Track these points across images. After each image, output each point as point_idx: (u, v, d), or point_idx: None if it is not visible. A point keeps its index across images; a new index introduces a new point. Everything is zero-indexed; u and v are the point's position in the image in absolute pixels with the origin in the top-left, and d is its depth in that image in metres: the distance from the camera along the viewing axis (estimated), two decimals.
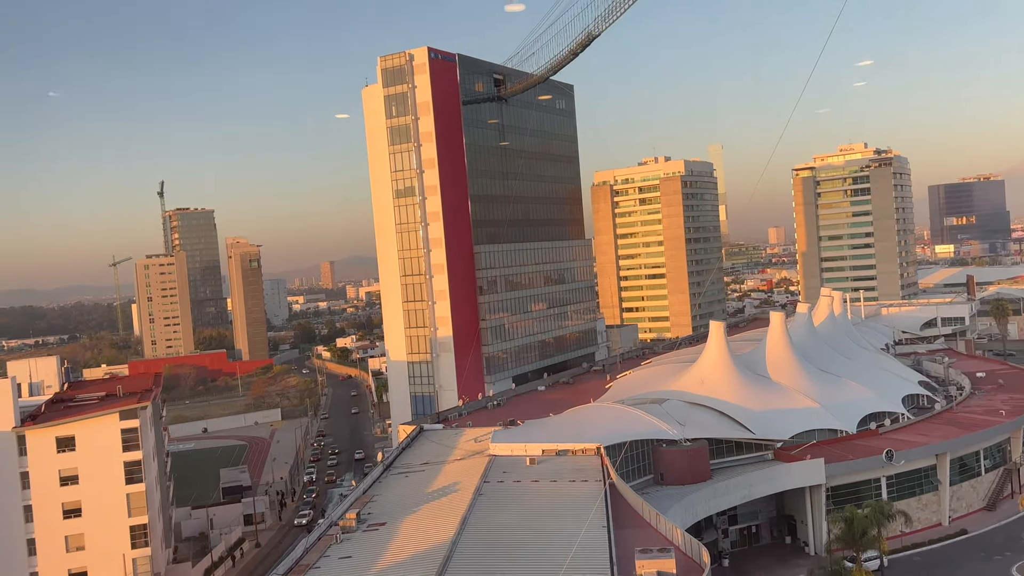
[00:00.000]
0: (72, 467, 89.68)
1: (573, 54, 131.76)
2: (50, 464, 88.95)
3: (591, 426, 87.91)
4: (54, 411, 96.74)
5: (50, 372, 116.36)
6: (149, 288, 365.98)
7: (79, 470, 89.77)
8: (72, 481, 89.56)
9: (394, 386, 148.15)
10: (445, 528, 62.30)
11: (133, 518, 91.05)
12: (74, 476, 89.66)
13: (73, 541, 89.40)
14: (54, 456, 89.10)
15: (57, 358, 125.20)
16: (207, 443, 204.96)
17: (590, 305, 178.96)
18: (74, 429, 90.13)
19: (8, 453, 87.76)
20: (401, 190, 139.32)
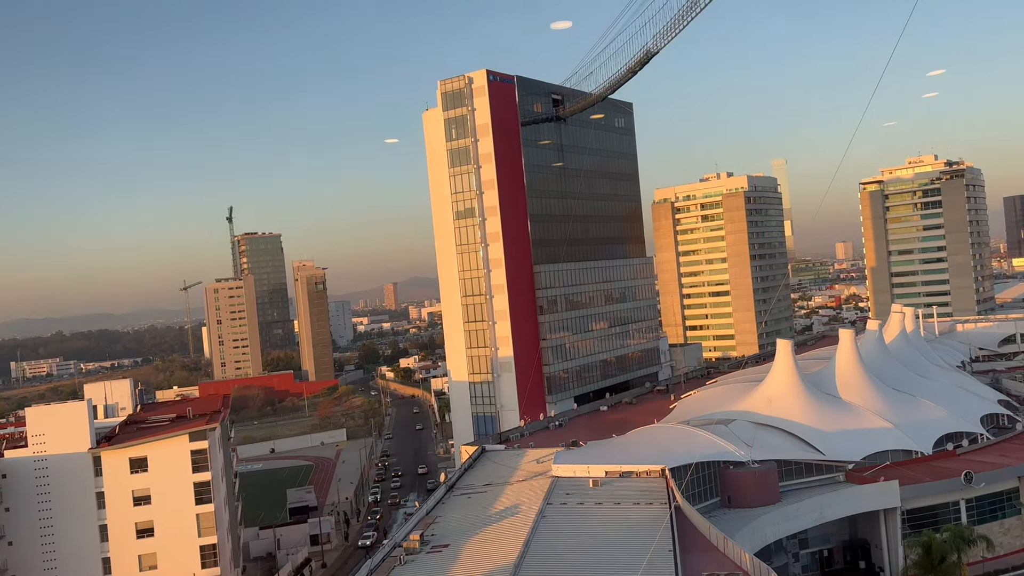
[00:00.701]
0: (145, 487, 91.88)
1: (632, 72, 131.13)
2: (124, 484, 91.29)
3: (655, 447, 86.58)
4: (128, 433, 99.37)
5: (124, 394, 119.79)
6: (219, 311, 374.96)
7: (151, 490, 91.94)
8: (145, 501, 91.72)
9: (456, 406, 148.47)
10: (508, 551, 61.78)
11: (203, 538, 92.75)
12: (147, 496, 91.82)
13: (146, 560, 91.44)
14: (127, 477, 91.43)
15: (131, 380, 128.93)
16: (274, 463, 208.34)
17: (652, 324, 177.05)
18: (146, 450, 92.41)
19: (84, 473, 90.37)
20: (461, 211, 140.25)
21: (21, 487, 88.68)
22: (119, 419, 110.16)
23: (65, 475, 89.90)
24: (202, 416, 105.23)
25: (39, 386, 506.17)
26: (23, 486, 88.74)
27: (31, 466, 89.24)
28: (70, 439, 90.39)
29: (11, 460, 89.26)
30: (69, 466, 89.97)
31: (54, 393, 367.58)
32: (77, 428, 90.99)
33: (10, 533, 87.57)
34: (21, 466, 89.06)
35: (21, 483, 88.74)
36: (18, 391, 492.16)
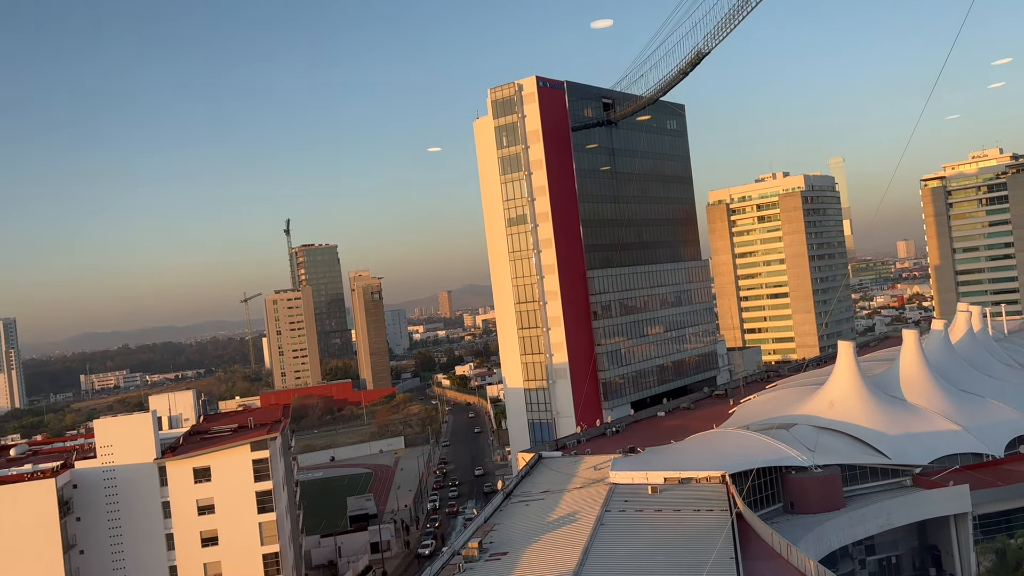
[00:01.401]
0: (208, 497, 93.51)
1: (683, 73, 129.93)
2: (188, 494, 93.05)
3: (715, 453, 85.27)
4: (191, 443, 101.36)
5: (187, 405, 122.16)
6: (278, 322, 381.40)
7: (215, 500, 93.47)
8: (209, 510, 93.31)
9: (512, 413, 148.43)
10: (567, 558, 61.37)
11: (265, 546, 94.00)
12: (210, 505, 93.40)
13: (211, 568, 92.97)
14: (192, 486, 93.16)
15: (194, 391, 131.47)
16: (335, 471, 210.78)
17: (709, 327, 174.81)
18: (209, 460, 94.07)
19: (150, 483, 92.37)
20: (513, 218, 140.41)
21: (91, 497, 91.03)
22: (183, 430, 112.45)
23: (132, 485, 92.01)
24: (263, 426, 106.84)
25: (107, 398, 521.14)
26: (93, 496, 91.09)
27: (100, 476, 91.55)
28: (137, 450, 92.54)
29: (81, 471, 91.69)
30: (136, 476, 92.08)
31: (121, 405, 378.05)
32: (143, 439, 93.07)
33: (82, 542, 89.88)
34: (91, 477, 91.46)
35: (91, 493, 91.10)
36: (87, 403, 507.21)
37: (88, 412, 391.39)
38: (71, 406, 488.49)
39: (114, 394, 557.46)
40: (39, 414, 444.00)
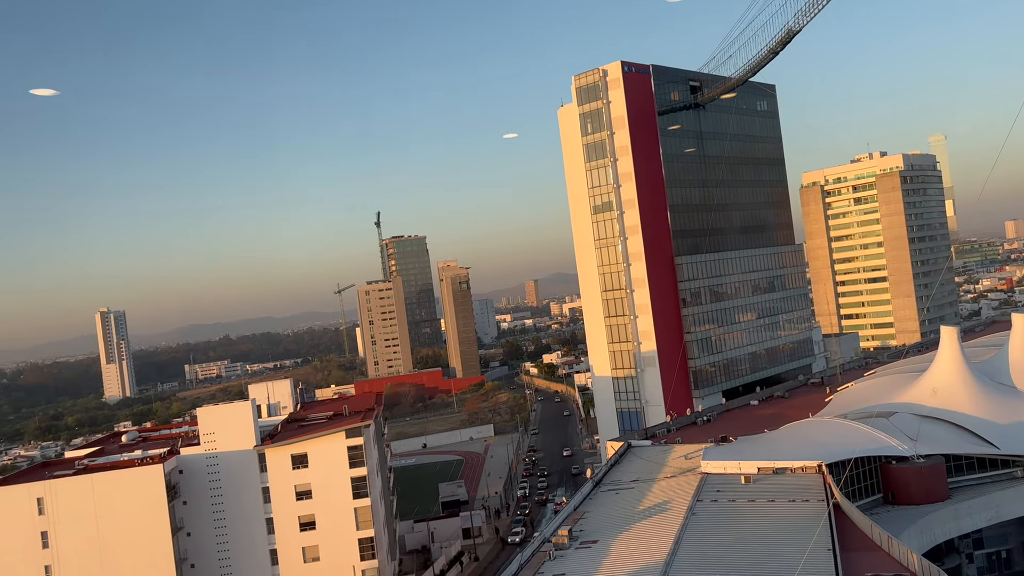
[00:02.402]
0: (306, 483, 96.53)
1: (773, 53, 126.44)
2: (287, 480, 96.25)
3: (811, 442, 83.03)
4: (289, 430, 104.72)
5: (285, 393, 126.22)
6: (370, 312, 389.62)
7: (312, 485, 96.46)
8: (306, 496, 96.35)
9: (600, 402, 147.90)
10: (658, 548, 60.89)
11: (360, 531, 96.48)
12: (308, 491, 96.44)
13: (309, 552, 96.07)
14: (290, 472, 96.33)
15: (291, 380, 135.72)
16: (426, 458, 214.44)
17: (804, 313, 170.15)
18: (306, 447, 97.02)
19: (251, 469, 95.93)
20: (599, 205, 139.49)
21: (196, 482, 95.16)
22: (281, 417, 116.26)
23: (234, 471, 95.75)
24: (357, 413, 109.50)
25: (210, 387, 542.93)
26: (198, 481, 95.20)
27: (204, 463, 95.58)
28: (237, 437, 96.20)
29: (187, 457, 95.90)
30: (237, 462, 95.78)
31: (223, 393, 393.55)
32: (243, 427, 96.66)
33: (188, 525, 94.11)
34: (196, 463, 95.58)
35: (196, 479, 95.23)
36: (192, 392, 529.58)
37: (192, 400, 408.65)
38: (177, 395, 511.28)
39: (216, 383, 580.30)
40: (148, 402, 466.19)
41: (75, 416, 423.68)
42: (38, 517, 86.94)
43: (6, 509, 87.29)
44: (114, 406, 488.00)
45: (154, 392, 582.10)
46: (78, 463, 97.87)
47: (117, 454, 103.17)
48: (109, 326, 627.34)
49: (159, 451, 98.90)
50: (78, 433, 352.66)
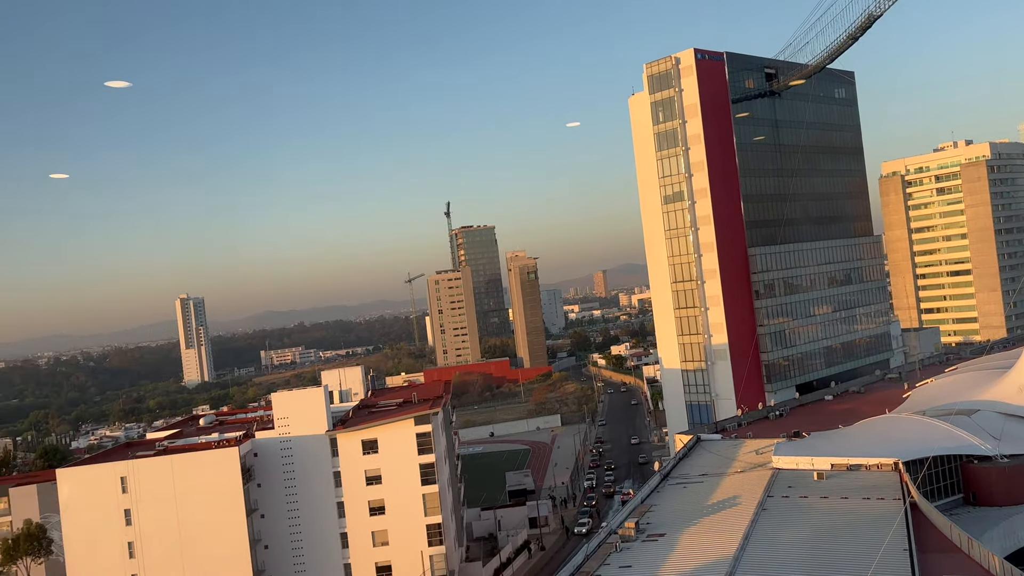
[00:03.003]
0: (376, 468, 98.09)
1: (852, 39, 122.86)
2: (357, 465, 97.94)
3: (887, 439, 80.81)
4: (360, 416, 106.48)
5: (357, 380, 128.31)
6: (440, 301, 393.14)
7: (381, 471, 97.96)
8: (376, 481, 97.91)
9: (669, 394, 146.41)
10: (726, 543, 60.10)
11: (428, 517, 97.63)
12: (377, 476, 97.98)
13: (379, 536, 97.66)
14: (360, 457, 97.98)
15: (362, 367, 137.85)
16: (494, 447, 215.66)
17: (882, 307, 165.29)
18: (376, 433, 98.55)
19: (323, 454, 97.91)
20: (670, 195, 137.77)
21: (270, 465, 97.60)
22: (352, 403, 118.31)
23: (306, 455, 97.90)
24: (426, 401, 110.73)
25: (284, 373, 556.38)
26: (272, 464, 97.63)
27: (278, 446, 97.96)
28: (310, 422, 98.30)
29: (261, 441, 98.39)
30: (309, 447, 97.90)
31: (297, 379, 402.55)
32: (316, 412, 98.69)
33: (262, 507, 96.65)
34: (270, 446, 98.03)
35: (270, 462, 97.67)
36: (267, 377, 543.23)
37: (268, 386, 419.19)
38: (253, 380, 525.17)
39: (291, 369, 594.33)
40: (225, 387, 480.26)
41: (156, 399, 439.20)
42: (122, 495, 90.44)
43: (93, 487, 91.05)
44: (193, 390, 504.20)
45: (231, 377, 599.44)
46: (158, 444, 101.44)
47: (195, 436, 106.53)
48: (189, 312, 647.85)
49: (235, 434, 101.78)
50: (159, 415, 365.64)
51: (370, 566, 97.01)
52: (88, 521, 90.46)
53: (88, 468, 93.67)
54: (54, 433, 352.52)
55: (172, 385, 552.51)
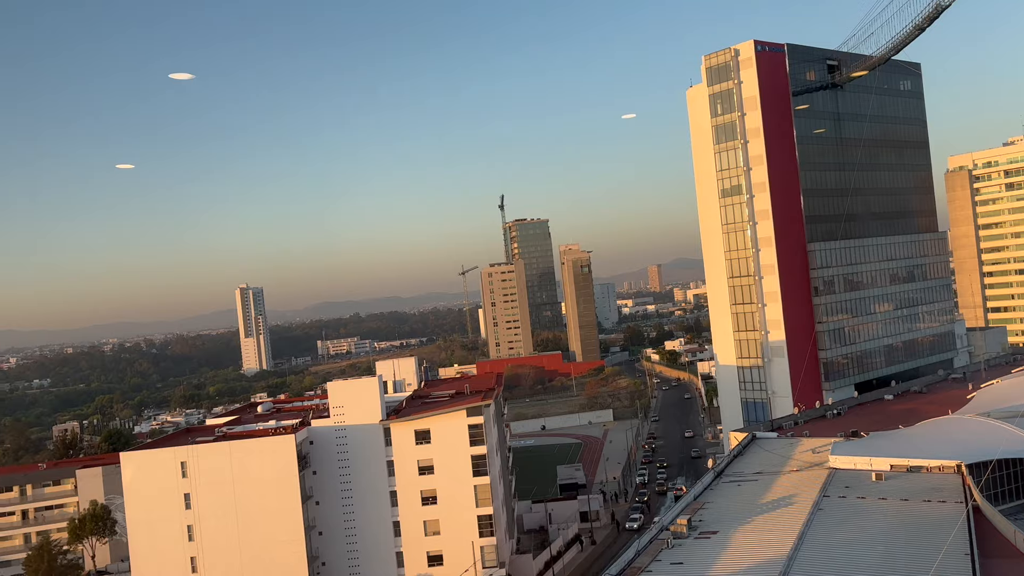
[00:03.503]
0: (428, 458, 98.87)
1: (919, 29, 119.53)
2: (410, 454, 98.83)
3: (949, 441, 78.69)
4: (413, 407, 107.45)
5: (410, 371, 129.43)
6: (493, 294, 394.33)
7: (434, 461, 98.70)
8: (428, 471, 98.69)
9: (724, 391, 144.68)
10: (780, 543, 59.23)
11: (479, 508, 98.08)
12: (430, 467, 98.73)
13: (430, 526, 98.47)
14: (413, 447, 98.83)
15: (416, 358, 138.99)
16: (545, 440, 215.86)
17: (946, 305, 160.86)
18: (429, 423, 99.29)
19: (376, 443, 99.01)
20: (727, 189, 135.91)
21: (325, 453, 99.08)
22: (406, 394, 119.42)
23: (360, 444, 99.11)
24: (478, 393, 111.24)
25: (340, 362, 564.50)
26: (327, 452, 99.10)
27: (333, 435, 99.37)
28: (365, 411, 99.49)
29: (317, 429, 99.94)
30: (364, 436, 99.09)
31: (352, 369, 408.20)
32: (370, 401, 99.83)
33: (317, 494, 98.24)
34: (325, 434, 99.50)
35: (325, 450, 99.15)
36: (323, 366, 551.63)
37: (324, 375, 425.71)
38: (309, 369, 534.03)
39: (346, 359, 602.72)
40: (282, 375, 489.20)
41: (216, 386, 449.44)
42: (182, 479, 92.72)
43: (155, 470, 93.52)
44: (251, 378, 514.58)
45: (288, 366, 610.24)
46: (217, 430, 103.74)
47: (253, 423, 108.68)
48: (248, 302, 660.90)
49: (292, 422, 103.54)
50: (218, 402, 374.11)
51: (422, 555, 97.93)
52: (150, 503, 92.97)
53: (150, 452, 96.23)
54: (118, 417, 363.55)
55: (231, 373, 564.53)
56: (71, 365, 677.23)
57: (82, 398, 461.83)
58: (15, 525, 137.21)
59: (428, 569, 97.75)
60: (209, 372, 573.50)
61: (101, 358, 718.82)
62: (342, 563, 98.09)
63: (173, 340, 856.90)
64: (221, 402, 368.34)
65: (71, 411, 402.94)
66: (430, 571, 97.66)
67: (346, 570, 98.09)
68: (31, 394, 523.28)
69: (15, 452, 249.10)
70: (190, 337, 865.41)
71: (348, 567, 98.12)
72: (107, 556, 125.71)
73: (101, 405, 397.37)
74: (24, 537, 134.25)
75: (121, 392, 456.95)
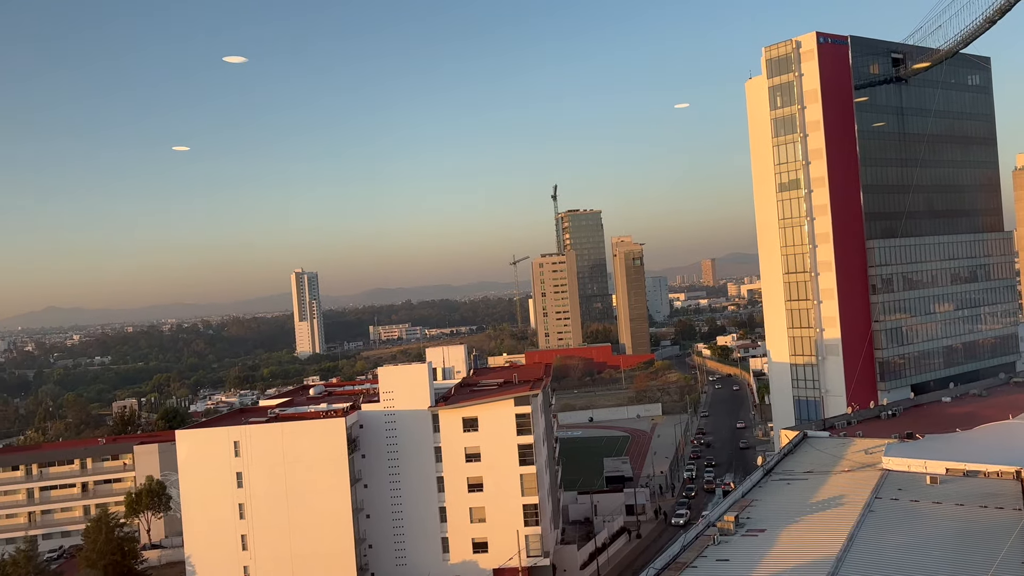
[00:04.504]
0: (475, 446, 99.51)
1: (990, 22, 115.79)
2: (457, 441, 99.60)
3: (1009, 446, 76.54)
4: (461, 394, 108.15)
5: (460, 359, 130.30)
6: (543, 284, 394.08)
7: (481, 449, 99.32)
8: (475, 459, 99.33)
9: (776, 388, 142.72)
10: (830, 543, 58.28)
11: (525, 497, 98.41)
12: (477, 454, 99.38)
13: (476, 513, 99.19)
14: (461, 434, 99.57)
15: (465, 346, 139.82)
16: (592, 432, 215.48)
17: (1010, 307, 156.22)
18: (477, 411, 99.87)
19: (425, 429, 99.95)
20: (785, 183, 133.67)
21: (374, 437, 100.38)
22: (455, 381, 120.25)
23: (409, 429, 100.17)
24: (526, 382, 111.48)
25: (391, 348, 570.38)
26: (375, 436, 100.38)
27: (382, 419, 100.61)
28: (414, 397, 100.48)
29: (367, 413, 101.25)
30: (412, 422, 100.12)
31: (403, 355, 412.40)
32: (420, 387, 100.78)
33: (365, 477, 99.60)
34: (375, 419, 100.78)
35: (374, 434, 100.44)
36: (374, 352, 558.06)
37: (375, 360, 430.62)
38: (361, 354, 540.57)
39: (397, 345, 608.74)
40: (334, 360, 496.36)
41: (270, 368, 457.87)
42: (234, 459, 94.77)
43: (209, 449, 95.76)
44: (304, 361, 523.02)
45: (340, 350, 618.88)
46: (270, 412, 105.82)
47: (305, 405, 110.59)
48: (303, 286, 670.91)
49: (342, 405, 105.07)
50: (271, 384, 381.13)
51: (467, 542, 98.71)
52: (203, 481, 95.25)
53: (205, 431, 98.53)
54: (175, 396, 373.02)
55: (285, 355, 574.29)
56: (131, 344, 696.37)
57: (140, 376, 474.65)
58: (75, 497, 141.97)
59: (473, 555, 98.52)
60: (263, 354, 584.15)
61: (160, 337, 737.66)
62: (388, 546, 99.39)
63: (229, 322, 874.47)
64: (274, 384, 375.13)
65: (130, 388, 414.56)
66: (475, 557, 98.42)
67: (392, 553, 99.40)
68: (92, 371, 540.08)
69: (77, 426, 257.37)
70: (246, 319, 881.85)
71: (394, 550, 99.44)
72: (162, 531, 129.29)
73: (158, 383, 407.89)
74: (84, 509, 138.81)
75: (178, 371, 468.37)
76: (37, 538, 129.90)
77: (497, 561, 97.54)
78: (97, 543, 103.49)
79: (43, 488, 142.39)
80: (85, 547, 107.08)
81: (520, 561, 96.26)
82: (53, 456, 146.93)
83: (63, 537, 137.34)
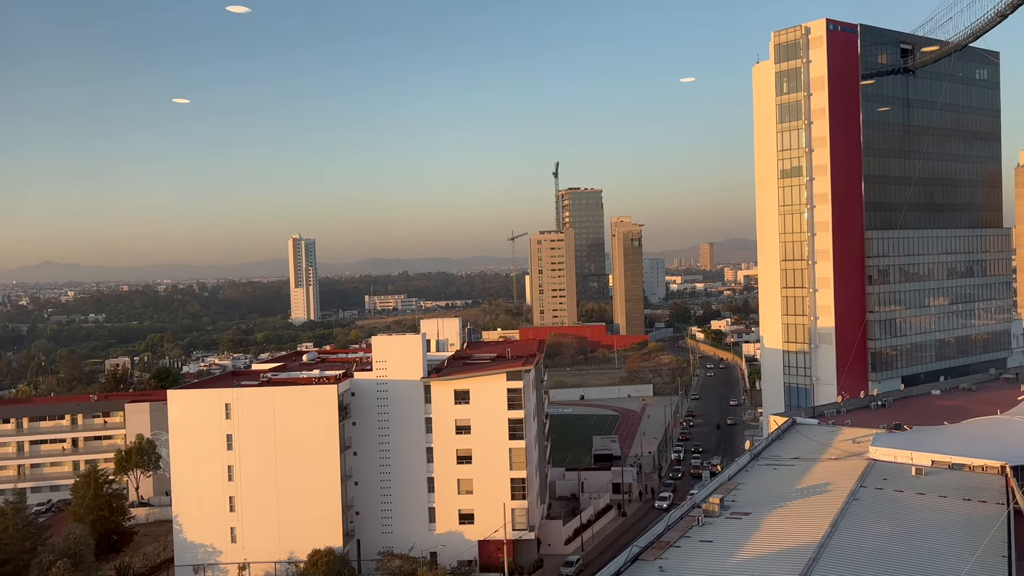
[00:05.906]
0: (466, 418, 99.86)
1: (1001, 16, 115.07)
2: (448, 413, 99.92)
3: (995, 441, 77.21)
4: (454, 367, 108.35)
5: (454, 332, 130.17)
6: (541, 261, 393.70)
7: (471, 422, 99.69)
8: (465, 431, 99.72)
9: (767, 374, 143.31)
10: (813, 529, 58.84)
11: (513, 471, 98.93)
12: (467, 427, 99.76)
13: (463, 485, 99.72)
14: (452, 407, 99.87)
15: (460, 320, 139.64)
16: (583, 410, 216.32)
17: (1005, 303, 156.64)
18: (469, 384, 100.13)
19: (416, 400, 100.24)
20: (787, 170, 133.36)
21: (365, 405, 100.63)
22: (448, 353, 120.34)
23: (400, 399, 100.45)
24: (519, 358, 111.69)
25: (386, 318, 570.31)
26: (367, 405, 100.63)
27: (374, 388, 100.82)
28: (407, 367, 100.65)
29: (359, 381, 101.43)
30: (404, 392, 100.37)
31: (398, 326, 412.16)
32: (413, 358, 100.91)
33: (355, 444, 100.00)
34: (367, 387, 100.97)
35: (366, 402, 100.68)
36: (369, 321, 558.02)
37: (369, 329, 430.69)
38: (355, 322, 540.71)
39: (392, 315, 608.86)
40: (329, 327, 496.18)
41: (264, 333, 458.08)
42: (225, 420, 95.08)
43: (200, 410, 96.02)
44: (298, 327, 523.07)
45: (335, 318, 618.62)
46: (263, 376, 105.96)
47: (297, 371, 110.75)
48: (300, 253, 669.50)
49: (335, 372, 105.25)
50: (265, 348, 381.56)
51: (453, 512, 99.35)
52: (193, 441, 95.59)
53: (196, 392, 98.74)
54: (168, 356, 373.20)
55: (280, 321, 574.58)
56: (126, 302, 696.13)
57: (134, 335, 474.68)
58: (65, 452, 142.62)
59: (459, 526, 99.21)
60: (258, 319, 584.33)
61: (155, 297, 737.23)
62: (375, 514, 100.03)
63: (225, 285, 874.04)
64: (268, 348, 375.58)
65: (123, 347, 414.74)
66: (461, 528, 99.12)
67: (379, 521, 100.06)
68: (86, 328, 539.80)
69: (69, 382, 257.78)
70: (242, 283, 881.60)
71: (381, 518, 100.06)
72: (150, 489, 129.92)
73: (152, 343, 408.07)
74: (73, 464, 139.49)
75: (172, 332, 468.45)
76: (26, 491, 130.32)
77: (483, 533, 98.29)
78: (85, 498, 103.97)
79: (33, 442, 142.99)
80: (73, 502, 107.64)
81: (505, 534, 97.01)
82: (44, 411, 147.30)
83: (52, 491, 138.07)
